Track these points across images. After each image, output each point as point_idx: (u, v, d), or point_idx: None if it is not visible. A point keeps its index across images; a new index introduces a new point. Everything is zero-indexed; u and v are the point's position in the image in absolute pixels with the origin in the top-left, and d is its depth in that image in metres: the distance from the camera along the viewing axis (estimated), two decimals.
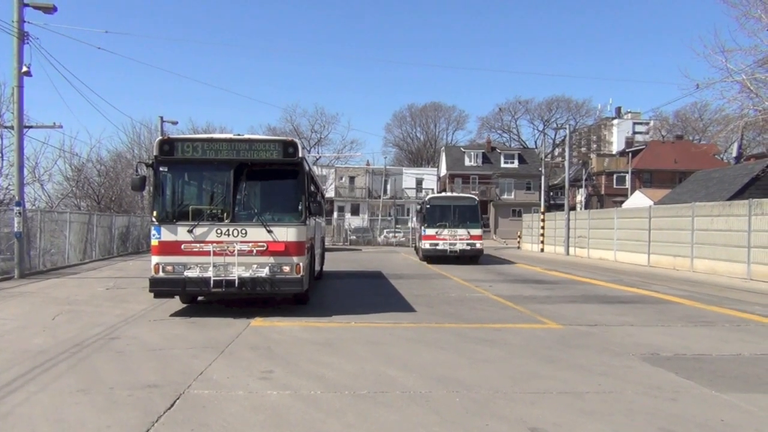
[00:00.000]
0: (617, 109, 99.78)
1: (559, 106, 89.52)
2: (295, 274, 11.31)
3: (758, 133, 40.35)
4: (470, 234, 26.65)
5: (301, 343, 9.24)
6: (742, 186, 31.51)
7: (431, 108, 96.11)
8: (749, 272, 21.18)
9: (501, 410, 6.06)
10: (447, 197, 29.40)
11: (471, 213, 27.30)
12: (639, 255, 28.52)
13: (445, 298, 15.03)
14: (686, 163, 61.54)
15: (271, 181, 12.00)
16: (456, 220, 26.84)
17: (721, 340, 10.00)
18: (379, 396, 6.48)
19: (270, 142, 11.73)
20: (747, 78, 21.60)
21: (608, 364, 8.16)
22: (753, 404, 6.34)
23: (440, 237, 26.58)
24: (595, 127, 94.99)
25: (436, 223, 26.83)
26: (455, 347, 9.14)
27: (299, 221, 11.49)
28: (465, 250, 26.65)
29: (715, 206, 24.14)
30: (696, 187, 36.58)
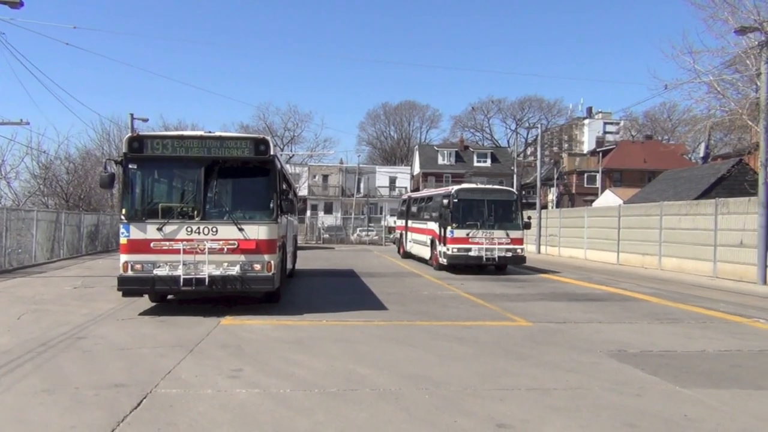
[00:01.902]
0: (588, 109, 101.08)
1: (531, 105, 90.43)
2: (267, 272, 11.26)
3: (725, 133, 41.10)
4: (510, 237, 21.37)
5: (272, 342, 9.20)
6: (709, 185, 32.09)
7: (405, 107, 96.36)
8: (715, 270, 21.60)
9: (470, 407, 6.10)
10: (480, 189, 23.34)
11: (510, 210, 22.05)
12: (609, 253, 28.90)
13: (417, 296, 15.08)
14: (655, 162, 62.51)
15: (242, 179, 11.91)
16: (492, 219, 21.49)
17: (686, 337, 10.18)
18: (349, 394, 6.48)
19: (241, 140, 11.66)
20: (714, 79, 21.98)
21: (576, 360, 8.26)
22: (716, 399, 6.47)
23: (474, 241, 21.06)
24: (567, 127, 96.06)
25: (466, 223, 21.29)
26: (426, 345, 9.17)
27: (270, 219, 11.44)
28: (505, 257, 21.28)
29: (682, 205, 24.56)
30: (664, 186, 37.18)
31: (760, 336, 10.40)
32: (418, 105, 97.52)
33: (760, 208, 19.35)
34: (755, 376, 7.56)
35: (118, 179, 11.98)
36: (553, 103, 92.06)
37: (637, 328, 10.99)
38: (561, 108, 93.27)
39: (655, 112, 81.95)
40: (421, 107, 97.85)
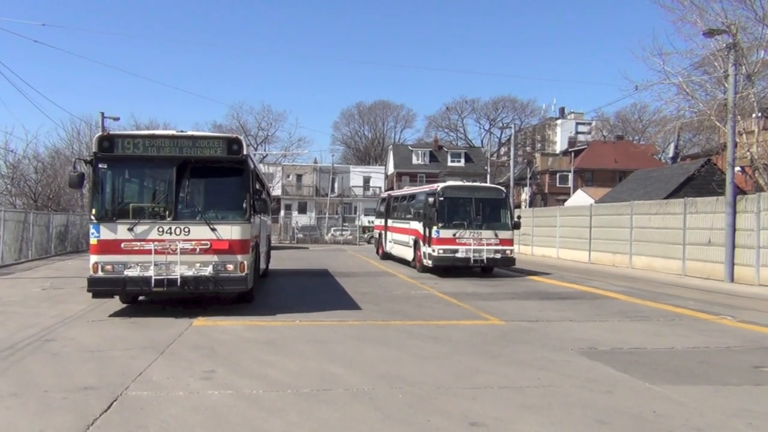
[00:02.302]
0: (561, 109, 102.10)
1: (504, 105, 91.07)
2: (239, 272, 11.19)
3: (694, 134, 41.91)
4: (499, 237, 20.10)
5: (245, 343, 9.14)
6: (678, 185, 32.57)
7: (379, 106, 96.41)
8: (684, 268, 21.96)
9: (443, 406, 6.13)
10: (468, 187, 22.26)
11: (499, 209, 20.82)
12: (580, 252, 29.22)
13: (391, 295, 15.10)
14: (626, 162, 63.29)
15: (215, 179, 11.81)
16: (480, 218, 20.22)
17: (655, 334, 10.34)
18: (323, 394, 6.47)
19: (214, 139, 11.58)
20: (683, 80, 22.37)
21: (548, 358, 8.35)
22: (684, 396, 6.58)
23: (461, 241, 19.76)
24: (540, 127, 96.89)
25: (452, 222, 20.01)
26: (400, 344, 9.19)
27: (243, 219, 11.36)
28: (494, 259, 20.06)
29: (652, 205, 24.94)
30: (635, 186, 37.68)
31: (727, 333, 10.59)
32: (392, 105, 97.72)
33: (727, 208, 19.73)
34: (722, 373, 7.70)
35: (87, 179, 11.81)
36: (527, 103, 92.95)
37: (607, 326, 11.13)
38: (534, 108, 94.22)
39: (626, 113, 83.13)
40: (395, 107, 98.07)
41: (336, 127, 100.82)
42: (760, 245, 18.62)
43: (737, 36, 19.85)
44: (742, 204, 19.62)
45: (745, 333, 10.63)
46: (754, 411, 6.06)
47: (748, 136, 22.50)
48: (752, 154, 21.93)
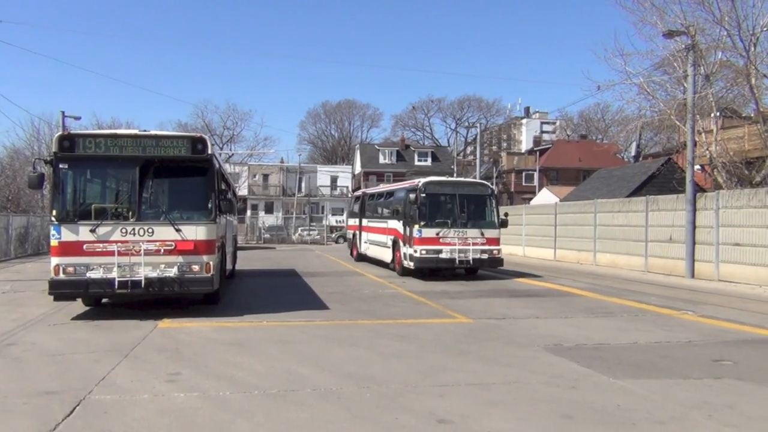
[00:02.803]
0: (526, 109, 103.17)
1: (470, 105, 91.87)
2: (205, 273, 11.07)
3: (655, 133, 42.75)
4: (485, 236, 18.89)
5: (211, 344, 9.06)
6: (640, 183, 33.16)
7: (345, 105, 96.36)
8: (647, 265, 22.39)
9: (411, 404, 6.15)
10: (451, 183, 20.84)
11: (485, 206, 19.67)
12: (546, 250, 29.59)
13: (359, 295, 15.09)
14: (590, 161, 64.25)
15: (179, 179, 11.68)
16: (465, 216, 19.03)
17: (619, 330, 10.53)
18: (290, 395, 6.44)
19: (178, 139, 11.45)
20: (644, 81, 22.85)
21: (514, 355, 8.44)
22: (646, 389, 6.71)
23: (445, 241, 18.46)
24: (505, 126, 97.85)
25: (435, 221, 18.72)
26: (368, 343, 9.20)
27: (209, 219, 11.25)
28: (480, 260, 18.81)
29: (615, 203, 25.37)
30: (598, 184, 38.27)
31: (688, 328, 10.83)
32: (358, 104, 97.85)
33: (687, 205, 20.17)
34: (683, 366, 7.87)
35: (48, 179, 11.57)
36: (492, 102, 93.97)
37: (573, 323, 11.29)
38: (500, 108, 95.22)
39: (589, 113, 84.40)
40: (362, 106, 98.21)
41: (302, 127, 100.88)
42: (719, 242, 19.07)
43: (696, 37, 20.30)
44: (701, 201, 20.07)
45: (705, 327, 10.88)
46: (714, 403, 6.21)
47: (707, 135, 23.05)
48: (711, 152, 22.48)
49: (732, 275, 18.43)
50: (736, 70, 21.70)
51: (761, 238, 17.54)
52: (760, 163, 22.07)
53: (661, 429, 5.48)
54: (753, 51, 19.59)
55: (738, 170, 22.34)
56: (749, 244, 17.97)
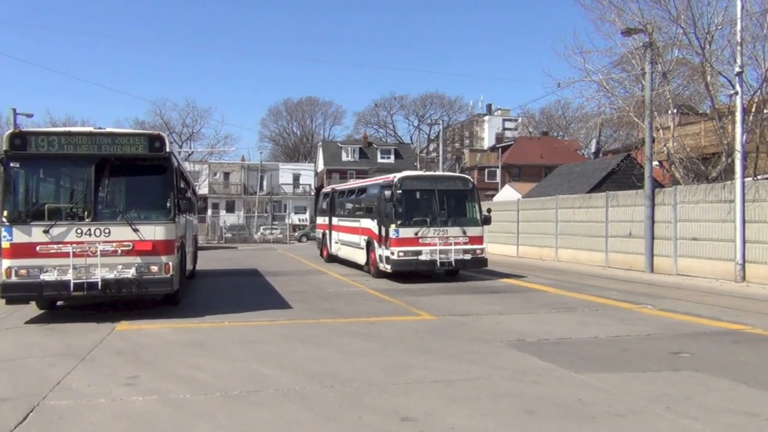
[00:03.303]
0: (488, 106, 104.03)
1: (433, 102, 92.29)
2: (164, 273, 10.92)
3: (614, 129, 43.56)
4: (468, 235, 17.61)
5: (171, 346, 8.94)
6: (600, 179, 33.69)
7: (307, 103, 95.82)
8: (607, 260, 22.79)
9: (374, 402, 6.16)
10: (429, 177, 19.33)
11: (466, 201, 18.39)
12: (509, 246, 29.91)
13: (322, 293, 15.05)
14: (551, 158, 65.12)
15: (136, 177, 11.50)
16: (445, 213, 17.72)
17: (581, 325, 10.70)
18: (252, 395, 6.39)
19: (135, 136, 11.28)
20: (603, 78, 23.23)
21: (477, 351, 8.51)
22: (607, 383, 6.84)
23: (424, 241, 17.17)
24: (468, 123, 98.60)
25: (413, 219, 17.40)
26: (331, 342, 9.19)
27: (168, 219, 11.10)
28: (462, 260, 17.47)
29: (576, 199, 25.76)
30: (560, 180, 38.81)
31: (647, 321, 11.06)
32: (320, 101, 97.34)
33: (646, 200, 20.60)
34: (643, 359, 8.04)
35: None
36: (454, 99, 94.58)
37: (535, 318, 11.44)
38: (462, 105, 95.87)
39: (550, 109, 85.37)
40: (324, 103, 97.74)
41: (263, 124, 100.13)
42: (677, 236, 19.52)
43: (653, 35, 20.73)
44: (660, 197, 20.51)
45: (664, 321, 11.13)
46: (672, 395, 6.36)
47: (664, 131, 23.56)
48: (669, 149, 22.98)
49: (689, 269, 18.89)
50: (692, 67, 22.22)
51: (717, 232, 18.01)
52: (715, 158, 22.63)
53: (621, 422, 5.58)
54: (708, 49, 20.06)
55: (695, 166, 22.88)
56: (706, 239, 18.43)
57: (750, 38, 19.22)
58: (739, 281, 16.77)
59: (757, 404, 6.06)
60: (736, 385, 6.80)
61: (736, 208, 17.07)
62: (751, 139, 19.97)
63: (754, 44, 19.50)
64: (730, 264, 17.29)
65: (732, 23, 18.39)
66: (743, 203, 16.92)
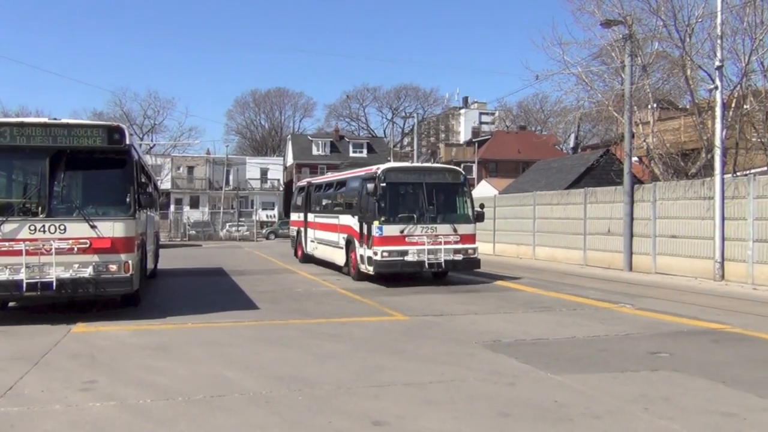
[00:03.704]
0: (464, 99, 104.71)
1: (407, 94, 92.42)
2: (124, 273, 10.78)
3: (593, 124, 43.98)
4: (459, 233, 16.70)
5: (130, 349, 8.84)
6: (578, 175, 34.09)
7: (276, 94, 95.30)
8: (585, 258, 23.07)
9: (345, 406, 6.16)
10: (416, 169, 18.53)
11: (457, 196, 17.56)
12: (485, 244, 30.01)
13: (291, 293, 15.02)
14: (529, 152, 65.67)
15: (94, 171, 11.35)
16: (434, 209, 16.70)
17: (558, 325, 10.83)
18: (216, 400, 6.35)
19: (93, 128, 11.10)
20: (582, 71, 23.49)
21: (452, 352, 8.56)
22: (584, 384, 6.93)
23: (411, 240, 16.17)
24: (443, 117, 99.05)
25: (398, 215, 16.45)
26: (300, 344, 9.17)
27: (127, 215, 10.95)
28: (453, 261, 16.49)
29: (554, 195, 26.03)
30: (537, 176, 39.15)
31: (625, 321, 11.22)
32: (289, 92, 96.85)
33: (625, 197, 20.89)
34: (620, 360, 8.16)
35: None
36: (429, 92, 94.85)
37: (512, 318, 11.55)
38: (437, 97, 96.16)
39: (528, 103, 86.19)
40: (294, 95, 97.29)
41: (230, 116, 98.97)
42: (656, 234, 19.84)
43: (633, 27, 21.01)
44: (639, 193, 20.82)
45: (642, 320, 11.30)
46: (650, 396, 6.46)
47: (644, 126, 23.93)
48: (648, 144, 23.34)
49: (669, 267, 19.21)
50: (672, 61, 22.56)
51: (697, 230, 18.34)
52: (695, 154, 23.05)
53: (597, 423, 5.66)
54: (688, 42, 20.40)
55: (674, 162, 23.27)
56: (685, 236, 18.76)
57: (730, 32, 19.62)
58: (718, 280, 17.10)
59: (734, 404, 6.19)
60: (715, 384, 6.93)
61: (715, 205, 17.40)
62: (730, 135, 20.36)
63: (734, 38, 19.92)
64: (709, 262, 17.61)
65: (712, 16, 18.73)
66: (722, 200, 17.27)
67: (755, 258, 16.37)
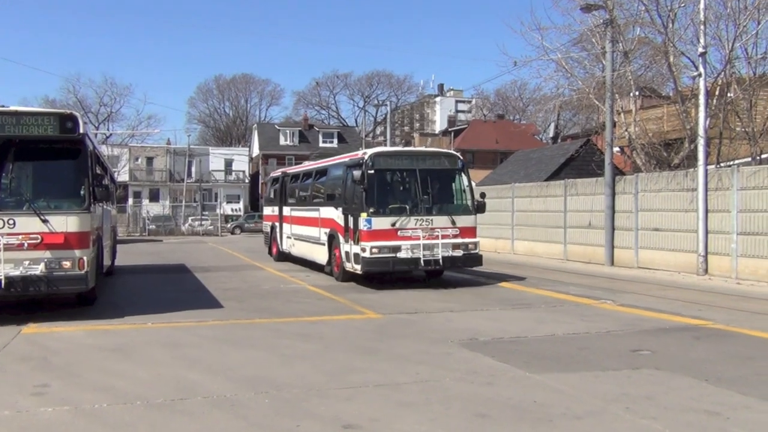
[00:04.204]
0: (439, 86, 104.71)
1: (380, 81, 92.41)
2: (78, 270, 10.63)
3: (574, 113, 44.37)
4: (458, 226, 15.58)
5: (86, 351, 8.74)
6: (558, 166, 34.35)
7: (241, 80, 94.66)
8: (565, 252, 23.29)
9: (314, 408, 6.15)
10: (407, 154, 17.76)
11: (455, 184, 16.56)
12: None
13: (258, 291, 14.97)
14: (507, 143, 65.99)
15: (45, 162, 11.21)
16: (429, 199, 15.73)
17: (537, 322, 10.92)
18: (178, 404, 6.30)
19: (44, 116, 10.91)
20: (562, 57, 23.64)
21: (427, 352, 8.59)
22: (564, 383, 7.00)
23: (404, 234, 15.05)
24: (418, 105, 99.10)
25: (389, 206, 15.42)
26: (267, 344, 9.15)
27: (82, 208, 10.81)
28: (452, 257, 15.40)
29: (533, 187, 26.23)
30: (516, 167, 39.41)
31: (607, 317, 11.36)
32: (255, 79, 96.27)
33: (606, 189, 21.10)
34: (602, 358, 8.26)
35: None
36: (403, 79, 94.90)
37: (489, 315, 11.62)
38: (411, 85, 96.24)
39: (506, 91, 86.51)
40: (260, 81, 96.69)
41: (192, 104, 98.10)
42: (638, 227, 20.09)
43: (613, 12, 21.20)
44: (620, 185, 21.05)
45: (624, 317, 11.45)
46: (632, 395, 6.55)
47: (626, 115, 24.19)
48: (630, 133, 23.59)
49: (651, 262, 19.47)
50: (654, 47, 22.81)
51: (680, 222, 18.60)
52: (678, 144, 23.34)
53: (578, 424, 5.72)
54: (671, 27, 20.63)
55: (657, 152, 23.56)
56: (668, 229, 19.02)
57: (713, 17, 19.86)
58: (702, 274, 17.38)
59: (718, 402, 6.30)
60: (698, 382, 7.05)
61: (698, 197, 17.65)
62: (714, 124, 20.66)
63: (717, 24, 20.17)
64: (692, 256, 17.88)
65: (695, 1, 18.97)
66: (706, 192, 17.52)
67: (739, 251, 16.64)
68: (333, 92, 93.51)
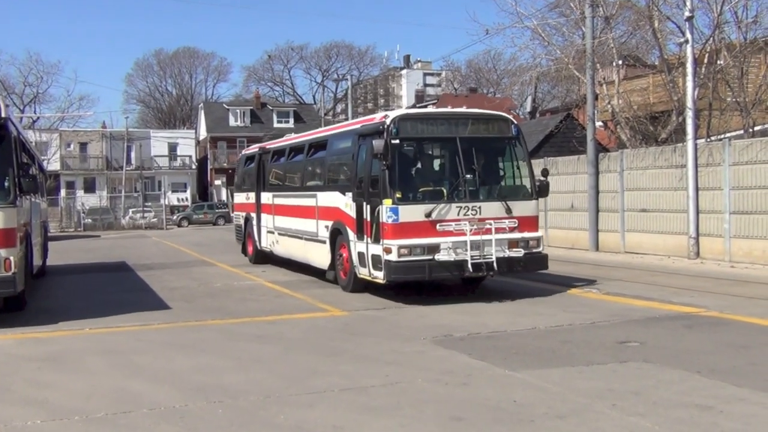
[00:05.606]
0: (405, 57, 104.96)
1: (339, 53, 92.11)
2: (4, 271, 10.48)
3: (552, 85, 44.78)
4: (515, 215, 12.74)
5: (15, 361, 8.65)
6: (537, 143, 34.51)
7: (184, 54, 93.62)
8: (547, 238, 23.35)
9: (273, 418, 6.16)
10: (444, 116, 13.82)
11: (508, 158, 13.73)
12: None
13: (209, 289, 14.94)
14: None
15: None
16: (474, 180, 12.79)
17: (517, 314, 11.06)
18: (121, 418, 6.26)
19: None
20: (538, 23, 23.78)
21: (397, 351, 8.65)
22: (546, 380, 7.09)
23: (443, 228, 12.09)
24: (382, 79, 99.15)
25: (420, 189, 12.72)
26: (219, 348, 9.14)
27: (6, 202, 10.65)
28: (510, 259, 12.42)
29: None
30: None
31: (592, 307, 11.54)
32: (200, 53, 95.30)
33: (589, 167, 21.30)
34: (586, 351, 8.39)
35: None
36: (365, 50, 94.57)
37: (465, 309, 11.71)
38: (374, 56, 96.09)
39: (478, 62, 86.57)
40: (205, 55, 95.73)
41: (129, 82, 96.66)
42: (624, 208, 20.36)
43: None
44: (605, 163, 21.30)
45: (610, 306, 11.65)
46: (618, 391, 6.66)
47: (608, 86, 24.40)
48: (613, 106, 23.82)
49: (639, 245, 19.76)
50: (637, 11, 23.06)
51: (669, 202, 18.88)
52: (665, 117, 23.62)
53: (561, 424, 5.81)
54: None
55: (642, 126, 23.81)
56: (656, 210, 19.30)
57: None
58: (693, 257, 17.69)
59: (710, 395, 6.44)
60: (689, 375, 7.20)
61: (688, 174, 17.90)
62: (703, 94, 20.93)
63: None
64: (683, 238, 18.18)
65: None
66: (696, 168, 17.78)
67: (732, 232, 16.95)
68: (287, 66, 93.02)
